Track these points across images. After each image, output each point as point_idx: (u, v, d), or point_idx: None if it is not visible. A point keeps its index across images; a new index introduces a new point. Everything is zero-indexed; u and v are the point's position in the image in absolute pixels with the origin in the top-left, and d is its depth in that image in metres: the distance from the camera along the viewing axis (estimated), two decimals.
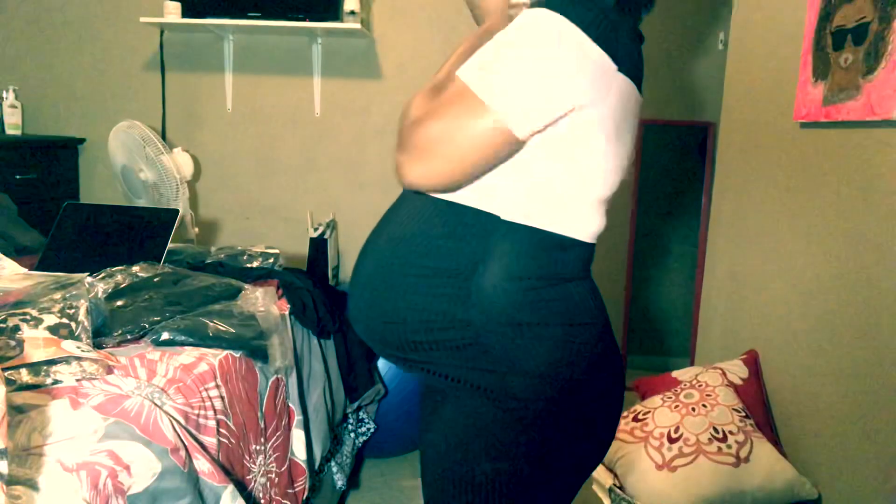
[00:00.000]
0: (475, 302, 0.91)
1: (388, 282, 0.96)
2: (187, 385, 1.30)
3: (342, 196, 3.27)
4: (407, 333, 0.95)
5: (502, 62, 0.85)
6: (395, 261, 0.96)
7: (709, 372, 2.07)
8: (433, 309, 0.92)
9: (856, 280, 1.61)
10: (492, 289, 0.90)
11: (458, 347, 0.93)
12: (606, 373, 0.98)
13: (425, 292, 0.93)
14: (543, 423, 0.93)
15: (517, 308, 0.91)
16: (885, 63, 1.47)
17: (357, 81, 3.18)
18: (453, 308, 0.92)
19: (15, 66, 3.24)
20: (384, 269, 0.97)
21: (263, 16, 2.95)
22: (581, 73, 0.85)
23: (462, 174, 0.88)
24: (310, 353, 1.89)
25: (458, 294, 0.91)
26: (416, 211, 0.97)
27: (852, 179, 1.64)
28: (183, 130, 3.26)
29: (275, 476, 1.59)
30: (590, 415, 0.97)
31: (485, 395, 0.93)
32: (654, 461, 1.86)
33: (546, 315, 0.92)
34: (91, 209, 2.11)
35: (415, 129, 0.89)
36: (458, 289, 0.91)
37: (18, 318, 1.26)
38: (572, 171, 0.90)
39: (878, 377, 1.51)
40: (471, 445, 0.94)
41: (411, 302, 0.94)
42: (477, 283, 0.91)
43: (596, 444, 1.01)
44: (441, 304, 0.92)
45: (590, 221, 0.95)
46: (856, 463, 1.59)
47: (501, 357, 0.91)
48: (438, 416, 0.99)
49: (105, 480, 0.97)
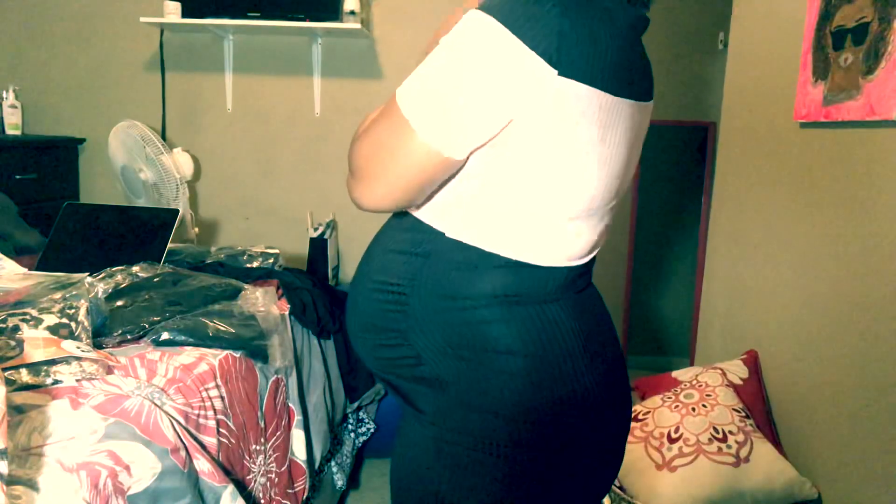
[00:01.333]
0: (412, 320, 0.86)
1: (356, 295, 0.95)
2: (187, 385, 1.30)
3: (342, 196, 3.24)
4: (369, 348, 0.93)
5: (432, 77, 0.79)
6: (360, 274, 0.95)
7: (709, 372, 2.07)
8: (384, 326, 0.89)
9: (856, 280, 1.61)
10: (423, 307, 0.86)
11: (410, 366, 0.89)
12: (597, 412, 0.87)
13: (378, 308, 0.90)
14: (510, 472, 0.84)
15: (453, 329, 0.85)
16: (885, 63, 1.47)
17: (357, 81, 3.18)
18: (399, 325, 0.88)
19: (15, 66, 3.24)
20: (356, 282, 0.96)
21: (263, 16, 2.94)
22: (513, 84, 0.77)
23: (404, 195, 0.84)
24: (310, 353, 1.89)
25: (402, 311, 0.87)
26: (387, 223, 0.96)
27: (852, 179, 1.64)
28: (183, 130, 3.26)
29: (275, 476, 1.59)
30: (571, 465, 0.87)
31: (441, 426, 0.86)
32: (654, 461, 1.86)
33: (496, 341, 0.84)
34: (91, 209, 2.11)
35: (352, 147, 0.87)
36: (402, 305, 0.87)
37: (18, 318, 1.26)
38: (524, 187, 0.82)
39: (878, 377, 1.51)
40: (423, 476, 0.88)
41: (370, 317, 0.91)
42: (412, 299, 0.86)
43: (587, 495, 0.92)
44: (389, 321, 0.89)
45: (554, 242, 0.85)
46: (856, 463, 1.59)
47: (454, 385, 0.85)
48: (399, 436, 0.94)
49: (105, 480, 0.97)
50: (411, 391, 0.91)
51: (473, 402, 0.84)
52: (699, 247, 3.15)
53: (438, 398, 0.87)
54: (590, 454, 0.89)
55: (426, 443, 0.87)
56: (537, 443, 0.84)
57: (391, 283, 0.88)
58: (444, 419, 0.86)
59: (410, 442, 0.90)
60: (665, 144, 3.37)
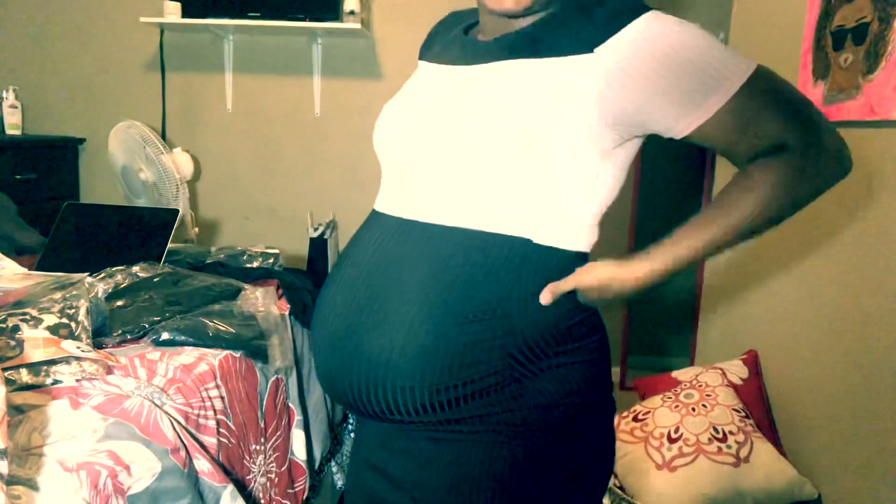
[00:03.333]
0: (516, 341, 0.81)
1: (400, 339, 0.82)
2: (187, 385, 1.30)
3: (342, 196, 3.27)
4: (426, 397, 0.81)
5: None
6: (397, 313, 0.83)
7: (709, 372, 2.07)
8: (472, 361, 0.81)
9: (856, 279, 1.61)
10: (529, 325, 0.81)
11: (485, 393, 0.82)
12: (609, 393, 0.92)
13: (458, 343, 0.81)
14: (584, 443, 0.86)
15: (557, 328, 0.83)
16: (885, 63, 1.47)
17: (357, 81, 3.18)
18: (493, 354, 0.81)
19: (15, 66, 3.24)
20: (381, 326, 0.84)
21: (263, 16, 2.94)
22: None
23: None
24: (310, 353, 1.89)
25: (499, 336, 0.81)
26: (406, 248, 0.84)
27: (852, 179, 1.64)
28: (183, 130, 3.26)
29: (275, 476, 1.59)
30: (594, 443, 0.89)
31: (529, 428, 0.82)
32: (654, 461, 1.86)
33: (582, 332, 0.85)
34: (91, 209, 2.11)
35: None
36: (498, 330, 0.81)
37: (18, 318, 1.26)
38: (615, 189, 0.91)
39: (878, 377, 1.51)
40: (481, 485, 0.82)
41: (443, 357, 0.81)
42: (515, 320, 0.81)
43: (596, 479, 0.92)
44: (479, 354, 0.81)
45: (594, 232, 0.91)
46: (856, 463, 1.59)
47: (541, 384, 0.82)
48: (433, 464, 0.84)
49: (105, 480, 0.97)
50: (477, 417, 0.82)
51: (538, 400, 0.82)
52: None
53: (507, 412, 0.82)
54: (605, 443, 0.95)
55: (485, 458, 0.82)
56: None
57: (485, 308, 0.80)
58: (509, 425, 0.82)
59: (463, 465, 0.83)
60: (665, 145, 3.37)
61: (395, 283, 0.82)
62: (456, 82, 0.87)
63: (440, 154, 0.84)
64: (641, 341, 3.51)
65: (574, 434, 0.84)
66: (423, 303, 0.80)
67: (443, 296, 0.80)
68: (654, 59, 0.76)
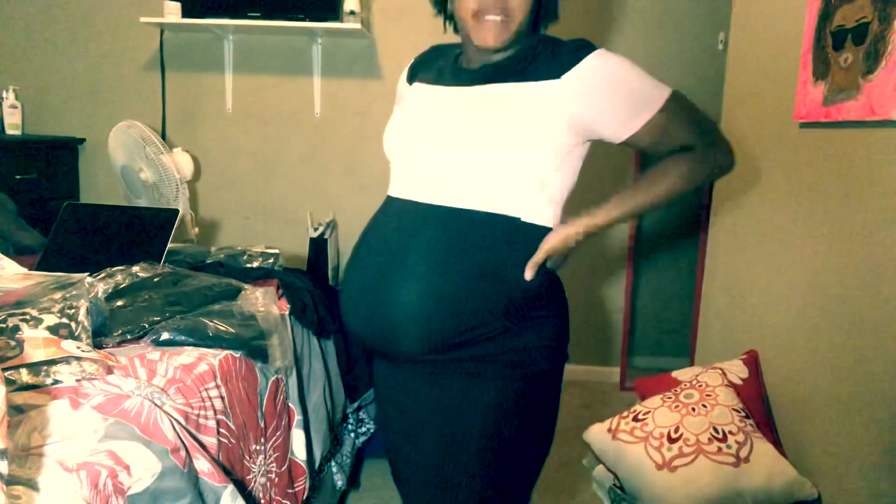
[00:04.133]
0: (510, 295, 1.08)
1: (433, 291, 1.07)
2: (187, 385, 1.31)
3: (342, 196, 3.27)
4: (451, 331, 1.08)
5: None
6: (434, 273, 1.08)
7: (709, 372, 2.07)
8: (481, 308, 1.07)
9: (856, 280, 1.61)
10: (518, 283, 1.08)
11: (492, 337, 1.08)
12: (567, 342, 1.18)
13: (471, 295, 1.07)
14: (553, 384, 1.15)
15: (535, 290, 1.09)
16: (885, 63, 1.47)
17: (357, 81, 3.18)
18: (497, 304, 1.07)
19: (15, 66, 3.24)
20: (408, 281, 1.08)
21: (263, 16, 2.95)
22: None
23: None
24: (310, 353, 1.89)
25: (500, 291, 1.08)
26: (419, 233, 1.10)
27: (852, 179, 1.64)
28: (183, 130, 3.26)
29: (275, 476, 1.59)
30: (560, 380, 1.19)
31: (516, 369, 1.10)
32: (654, 461, 1.86)
33: (551, 294, 1.13)
34: (91, 209, 2.11)
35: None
36: (499, 286, 1.08)
37: (18, 318, 1.26)
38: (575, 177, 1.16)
39: (878, 377, 1.51)
40: (511, 415, 1.10)
41: (460, 304, 1.07)
42: (509, 282, 1.08)
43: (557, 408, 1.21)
44: (489, 303, 1.07)
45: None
46: (856, 463, 1.59)
47: (526, 335, 1.09)
48: (467, 403, 1.10)
49: (105, 480, 0.97)
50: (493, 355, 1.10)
51: (537, 342, 1.11)
52: (699, 247, 3.15)
53: (515, 351, 1.09)
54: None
55: (508, 391, 1.10)
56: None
57: (487, 270, 1.07)
58: (522, 363, 1.10)
59: (489, 400, 1.09)
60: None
61: (416, 247, 1.08)
62: (458, 99, 1.13)
63: (452, 152, 1.09)
64: (641, 341, 3.51)
65: (547, 371, 1.13)
66: (441, 261, 1.06)
67: (457, 257, 1.06)
68: (604, 84, 1.07)
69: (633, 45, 3.11)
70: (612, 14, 3.12)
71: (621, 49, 3.11)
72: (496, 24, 1.08)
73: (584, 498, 2.28)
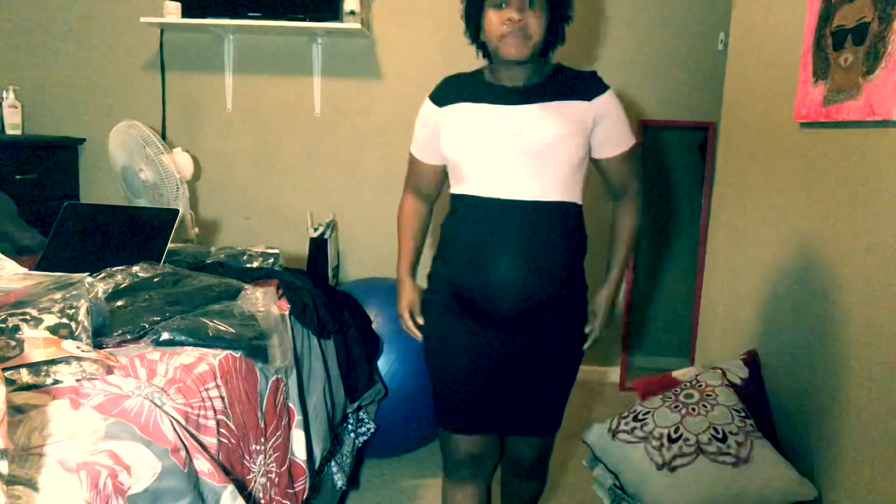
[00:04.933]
0: (579, 257, 1.51)
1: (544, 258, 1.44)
2: (187, 385, 1.31)
3: (342, 196, 3.27)
4: (549, 288, 1.46)
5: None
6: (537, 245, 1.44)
7: (709, 372, 2.07)
8: (567, 265, 1.47)
9: (856, 279, 1.61)
10: (581, 248, 1.52)
11: (578, 287, 1.54)
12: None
13: (563, 259, 1.46)
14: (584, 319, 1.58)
15: (582, 258, 1.54)
16: (885, 63, 1.47)
17: (357, 81, 3.18)
18: (576, 263, 1.51)
19: (15, 66, 3.24)
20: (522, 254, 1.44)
21: (263, 16, 2.95)
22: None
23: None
24: (310, 353, 1.89)
25: (577, 255, 1.51)
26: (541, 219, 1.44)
27: (852, 179, 1.64)
28: (183, 130, 3.26)
29: (275, 476, 1.59)
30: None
31: (579, 301, 1.54)
32: (654, 461, 1.86)
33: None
34: (91, 209, 2.11)
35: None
36: (576, 251, 1.50)
37: (18, 318, 1.26)
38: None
39: (877, 377, 1.51)
40: (575, 335, 1.55)
41: (556, 266, 1.45)
42: (580, 248, 1.51)
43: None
44: (573, 263, 1.49)
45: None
46: (856, 463, 1.59)
47: (578, 290, 1.53)
48: (553, 330, 1.49)
49: (105, 480, 0.97)
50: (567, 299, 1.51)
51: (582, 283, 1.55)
52: (699, 246, 3.15)
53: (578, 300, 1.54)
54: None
55: (577, 319, 1.55)
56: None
57: (572, 240, 1.47)
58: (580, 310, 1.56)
59: (567, 325, 1.53)
60: (665, 144, 3.38)
61: (507, 233, 1.41)
62: (522, 115, 1.42)
63: (527, 158, 1.41)
64: (641, 341, 3.51)
65: (586, 301, 1.58)
66: (550, 233, 1.43)
67: (557, 230, 1.44)
68: (615, 114, 1.47)
69: (634, 44, 3.11)
70: (613, 14, 3.12)
71: (622, 49, 3.11)
72: (518, 42, 1.38)
73: (584, 498, 2.28)
